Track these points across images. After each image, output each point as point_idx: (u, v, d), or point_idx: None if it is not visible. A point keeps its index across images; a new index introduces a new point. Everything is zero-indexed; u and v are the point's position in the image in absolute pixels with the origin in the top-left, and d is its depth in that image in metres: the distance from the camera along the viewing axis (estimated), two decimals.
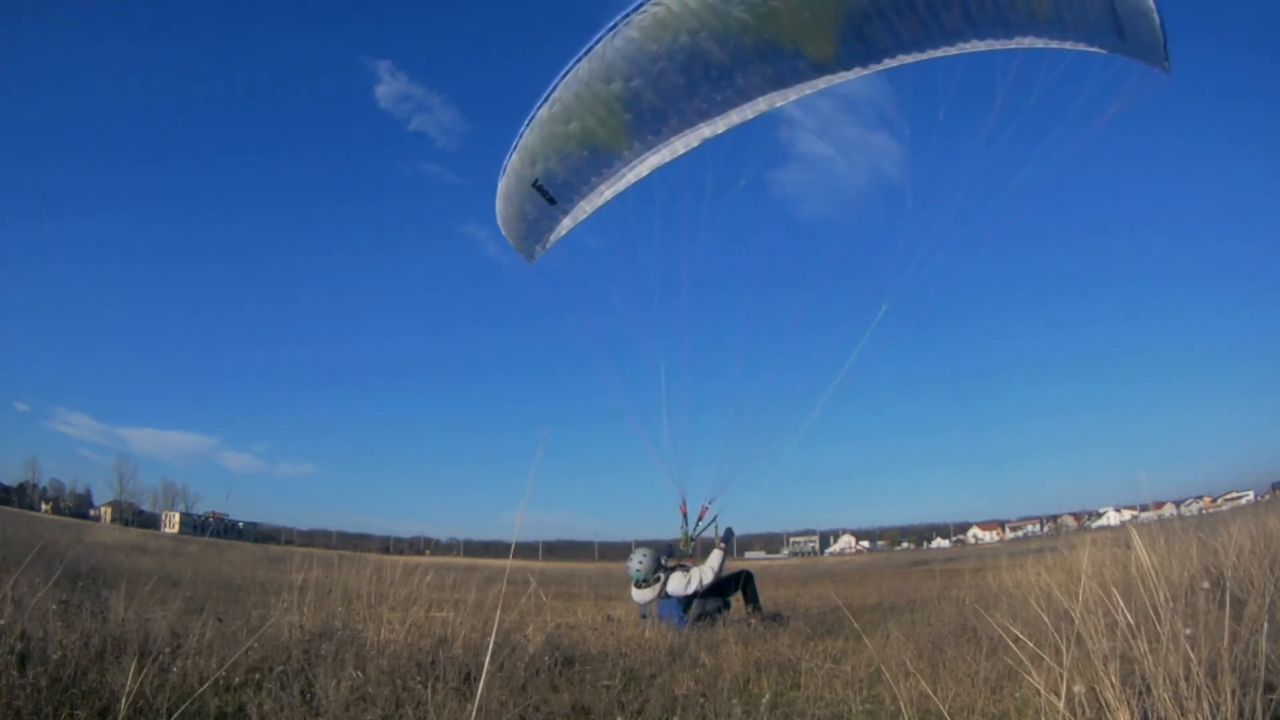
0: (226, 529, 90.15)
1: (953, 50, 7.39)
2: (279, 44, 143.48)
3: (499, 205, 9.83)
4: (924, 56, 7.49)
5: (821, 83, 7.95)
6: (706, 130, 8.50)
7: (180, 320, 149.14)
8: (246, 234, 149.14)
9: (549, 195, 9.21)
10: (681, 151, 8.69)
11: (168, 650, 4.70)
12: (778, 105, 8.20)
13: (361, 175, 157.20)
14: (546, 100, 8.32)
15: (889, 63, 7.63)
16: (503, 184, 9.44)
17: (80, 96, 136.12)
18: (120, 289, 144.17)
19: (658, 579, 9.06)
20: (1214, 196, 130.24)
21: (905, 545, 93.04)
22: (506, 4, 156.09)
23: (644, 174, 8.95)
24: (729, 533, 9.67)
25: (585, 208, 9.46)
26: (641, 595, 9.12)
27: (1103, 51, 7.10)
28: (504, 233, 10.22)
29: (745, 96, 8.17)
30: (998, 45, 7.29)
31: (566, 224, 9.71)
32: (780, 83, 7.98)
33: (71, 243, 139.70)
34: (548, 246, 10.09)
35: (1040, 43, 7.19)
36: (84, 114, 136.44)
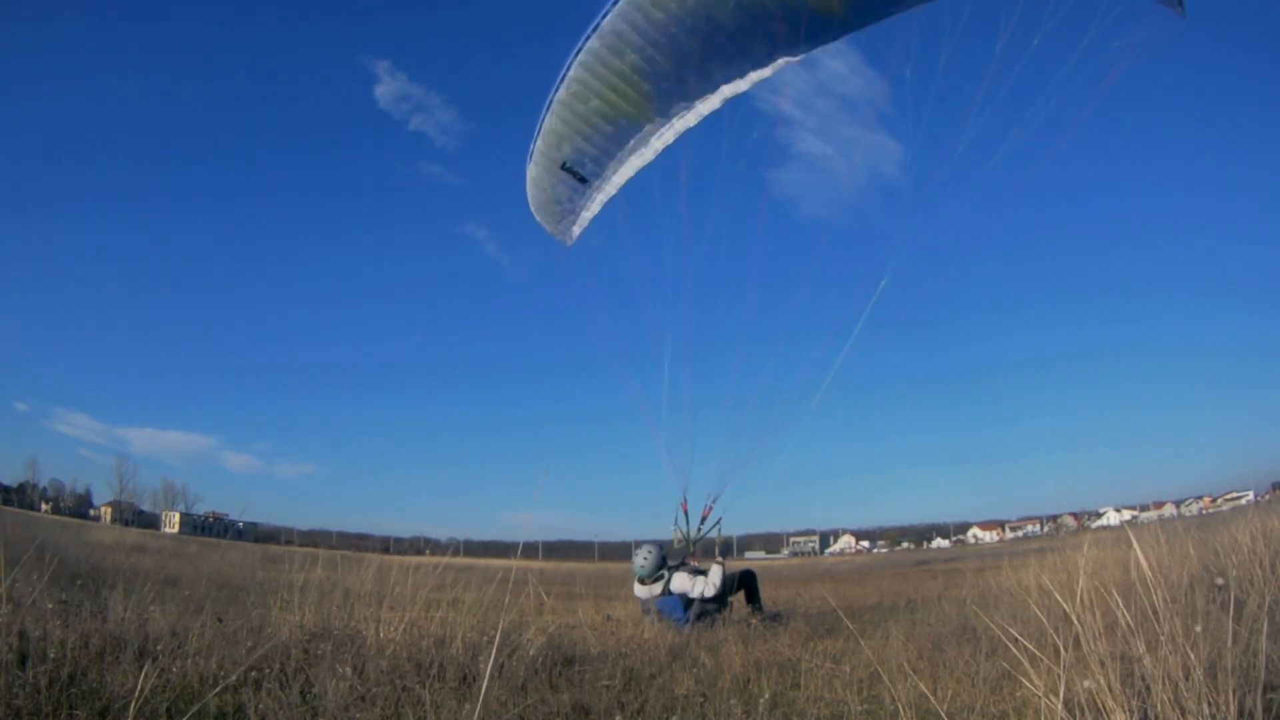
0: (226, 529, 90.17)
1: None
2: (279, 44, 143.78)
3: (530, 191, 9.77)
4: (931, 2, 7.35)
5: (831, 36, 7.86)
6: (728, 90, 8.42)
7: (180, 320, 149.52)
8: (246, 234, 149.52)
9: (579, 175, 9.16)
10: (706, 113, 8.63)
11: (167, 650, 4.70)
12: (794, 62, 8.11)
13: (361, 175, 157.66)
14: (563, 81, 8.27)
15: (896, 10, 7.51)
16: (531, 170, 9.40)
17: (80, 96, 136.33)
18: (120, 289, 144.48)
19: (661, 575, 9.10)
20: (1214, 196, 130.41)
21: (905, 545, 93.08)
22: (506, 4, 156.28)
23: (670, 140, 8.89)
24: (725, 549, 9.74)
25: (617, 181, 9.40)
26: (645, 591, 9.16)
27: None
28: (538, 218, 10.15)
29: (760, 55, 8.08)
30: None
31: (600, 200, 9.66)
32: (792, 40, 7.87)
33: (72, 243, 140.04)
34: (585, 225, 10.03)
35: None
36: (84, 114, 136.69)
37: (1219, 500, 64.85)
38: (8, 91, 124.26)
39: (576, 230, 10.11)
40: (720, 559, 9.46)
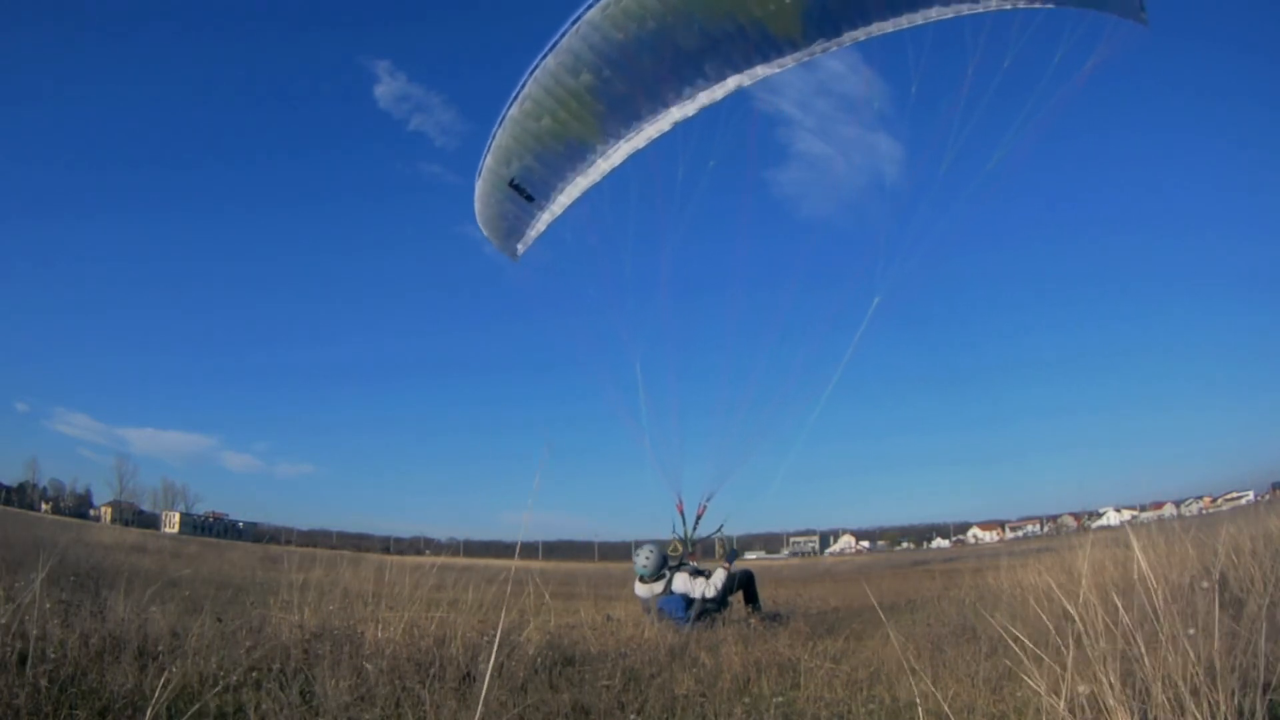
0: (226, 529, 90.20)
1: (919, 19, 7.22)
2: (279, 44, 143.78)
3: (478, 207, 9.82)
4: (891, 27, 7.35)
5: (789, 60, 7.87)
6: (677, 113, 8.43)
7: (180, 320, 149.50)
8: (246, 234, 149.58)
9: (526, 193, 9.18)
10: (654, 136, 8.64)
11: (167, 650, 4.69)
12: (746, 85, 8.12)
13: (361, 175, 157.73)
14: (517, 98, 8.25)
15: (857, 35, 7.51)
16: (480, 185, 9.42)
17: (81, 97, 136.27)
18: (120, 289, 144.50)
19: (662, 575, 9.10)
20: (1214, 197, 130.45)
21: (905, 545, 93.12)
22: (506, 4, 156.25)
23: (617, 162, 8.90)
24: (733, 554, 9.73)
25: (563, 201, 9.40)
26: (646, 590, 9.16)
27: (1075, 8, 6.94)
28: (485, 233, 10.21)
29: (714, 78, 8.10)
30: (965, 10, 7.10)
31: (546, 219, 9.67)
32: (748, 62, 7.89)
33: (72, 243, 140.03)
34: (530, 244, 10.07)
35: (1009, 3, 6.99)
36: (84, 114, 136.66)
37: (1219, 500, 64.87)
38: (9, 91, 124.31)
39: (522, 248, 10.14)
40: (727, 564, 9.46)
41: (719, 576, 9.13)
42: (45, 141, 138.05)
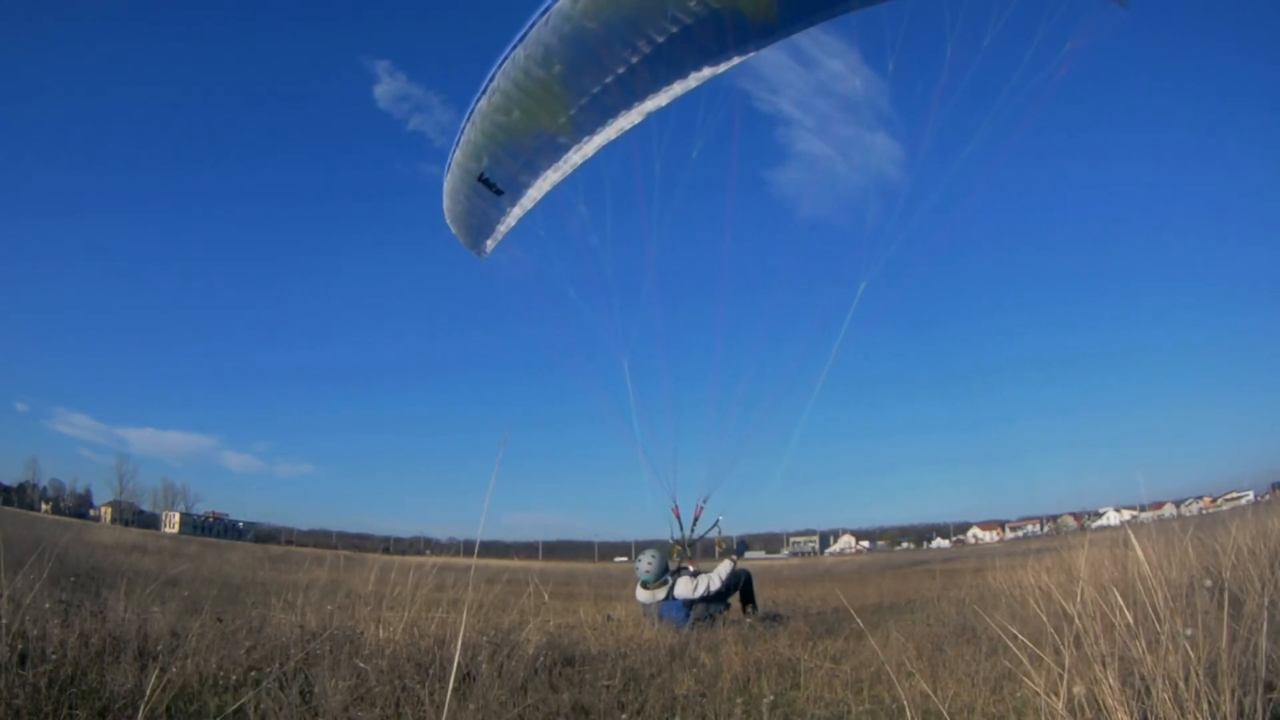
0: (226, 529, 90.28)
1: None
2: (279, 44, 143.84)
3: (446, 203, 9.62)
4: (866, 6, 7.24)
5: (765, 45, 7.75)
6: (650, 104, 8.23)
7: (180, 320, 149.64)
8: (246, 234, 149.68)
9: (495, 187, 8.96)
10: (626, 127, 8.44)
11: (167, 650, 4.70)
12: (720, 72, 7.95)
13: (361, 175, 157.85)
14: (485, 92, 8.04)
15: (833, 14, 7.40)
16: (448, 181, 9.24)
17: (81, 98, 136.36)
18: (120, 289, 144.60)
19: (664, 581, 9.07)
20: (1214, 197, 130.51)
21: (905, 545, 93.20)
22: (506, 3, 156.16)
23: (589, 154, 8.70)
24: (742, 546, 9.68)
25: (534, 195, 9.21)
26: (647, 596, 9.13)
27: None
28: (453, 230, 10.01)
29: (688, 66, 7.92)
30: None
31: (516, 214, 9.45)
32: (722, 49, 7.71)
33: (72, 243, 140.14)
34: (499, 240, 9.87)
35: None
36: (85, 115, 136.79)
37: (1219, 500, 64.85)
38: (10, 91, 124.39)
39: (490, 244, 9.94)
40: (734, 557, 9.46)
41: (724, 567, 9.12)
42: (45, 141, 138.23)
